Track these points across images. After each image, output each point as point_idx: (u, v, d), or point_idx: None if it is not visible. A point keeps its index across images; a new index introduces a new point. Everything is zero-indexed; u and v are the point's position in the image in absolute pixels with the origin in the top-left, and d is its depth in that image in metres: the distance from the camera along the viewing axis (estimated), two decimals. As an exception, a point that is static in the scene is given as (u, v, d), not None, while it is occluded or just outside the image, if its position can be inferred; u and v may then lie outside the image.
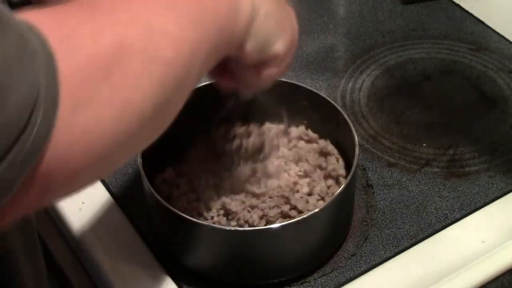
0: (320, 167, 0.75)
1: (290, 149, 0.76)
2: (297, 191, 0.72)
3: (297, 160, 0.75)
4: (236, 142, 0.75)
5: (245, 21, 0.54)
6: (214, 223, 0.70)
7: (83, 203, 0.77)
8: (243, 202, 0.71)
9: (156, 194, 0.68)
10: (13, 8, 1.10)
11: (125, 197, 0.78)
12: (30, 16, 0.38)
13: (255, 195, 0.72)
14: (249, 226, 0.69)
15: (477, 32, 1.00)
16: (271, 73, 0.62)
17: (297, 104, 0.78)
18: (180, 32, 0.46)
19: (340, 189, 0.68)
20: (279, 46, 0.59)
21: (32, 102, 0.35)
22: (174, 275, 0.71)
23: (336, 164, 0.75)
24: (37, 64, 0.36)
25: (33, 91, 0.35)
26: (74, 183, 0.42)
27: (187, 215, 0.66)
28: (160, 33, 0.44)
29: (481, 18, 1.02)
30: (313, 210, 0.67)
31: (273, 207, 0.70)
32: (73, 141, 0.38)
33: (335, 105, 0.75)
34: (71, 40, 0.39)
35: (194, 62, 0.47)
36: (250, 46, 0.56)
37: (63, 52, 0.38)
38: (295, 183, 0.73)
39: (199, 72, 0.49)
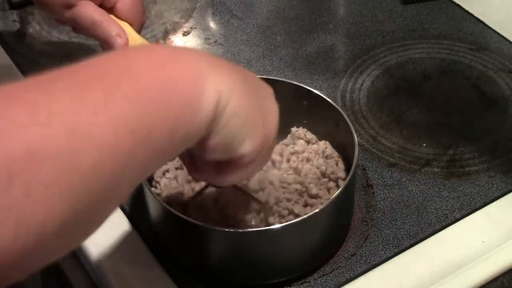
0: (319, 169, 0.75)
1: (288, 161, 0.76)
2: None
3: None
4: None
5: (207, 117, 0.48)
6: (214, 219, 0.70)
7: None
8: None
9: (156, 195, 0.68)
10: (13, 8, 1.09)
11: (125, 197, 0.78)
12: None
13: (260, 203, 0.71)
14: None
15: (477, 32, 1.00)
16: (235, 175, 0.56)
17: (297, 104, 0.78)
18: (109, 138, 0.39)
19: (340, 189, 0.68)
20: (246, 147, 0.53)
21: None
22: (174, 275, 0.71)
23: (335, 167, 0.75)
24: None
25: None
26: None
27: (187, 216, 0.66)
28: (83, 138, 0.38)
29: (481, 18, 1.02)
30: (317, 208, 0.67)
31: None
32: None
33: (335, 105, 0.75)
34: None
35: (125, 171, 0.41)
36: (212, 143, 0.50)
37: None
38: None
39: (132, 181, 0.43)
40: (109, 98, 0.41)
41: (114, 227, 0.75)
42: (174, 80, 0.46)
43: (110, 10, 0.78)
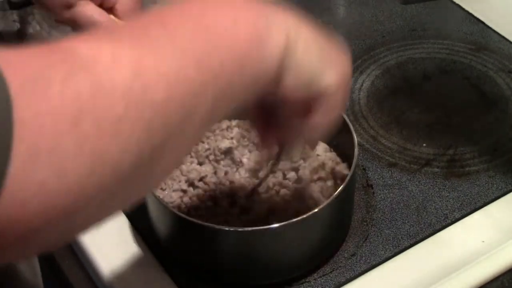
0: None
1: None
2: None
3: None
4: None
5: (276, 55, 0.46)
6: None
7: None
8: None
9: (156, 195, 0.68)
10: (13, 8, 1.09)
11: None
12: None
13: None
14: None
15: (477, 32, 1.00)
16: (323, 119, 0.53)
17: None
18: (177, 71, 0.40)
19: (340, 189, 0.68)
20: (330, 78, 0.50)
21: None
22: (174, 275, 0.71)
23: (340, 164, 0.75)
24: None
25: None
26: (30, 244, 0.36)
27: (187, 215, 0.66)
28: (150, 72, 0.38)
29: (481, 18, 1.02)
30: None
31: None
32: (27, 198, 0.33)
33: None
34: (36, 84, 0.34)
35: (195, 107, 0.41)
36: (291, 81, 0.48)
37: (23, 97, 0.33)
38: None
39: (204, 119, 0.42)
40: (172, 33, 0.41)
41: (114, 227, 0.75)
42: (236, 18, 0.45)
43: (110, 10, 0.78)
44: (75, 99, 0.35)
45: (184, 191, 0.73)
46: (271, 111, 0.56)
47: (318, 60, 0.50)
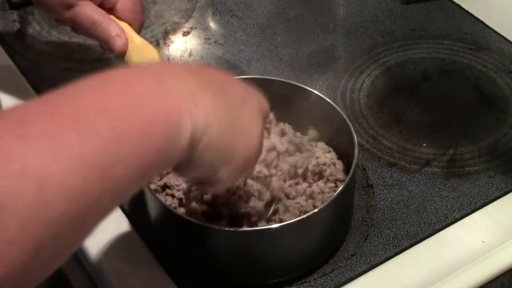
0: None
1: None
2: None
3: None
4: None
5: (179, 154, 0.47)
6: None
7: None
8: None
9: (155, 195, 0.68)
10: (13, 8, 1.09)
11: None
12: None
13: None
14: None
15: (477, 32, 1.00)
16: (214, 189, 0.58)
17: (297, 104, 0.78)
18: (80, 185, 0.38)
19: (340, 189, 0.68)
20: (222, 173, 0.53)
21: None
22: (174, 275, 0.71)
23: (333, 168, 0.75)
24: None
25: None
26: None
27: (187, 216, 0.66)
28: (54, 189, 0.37)
29: (481, 18, 1.02)
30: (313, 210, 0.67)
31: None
32: None
33: (334, 105, 0.75)
34: None
35: (91, 213, 0.40)
36: (185, 171, 0.51)
37: None
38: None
39: (97, 219, 0.42)
40: (85, 143, 0.40)
41: (114, 227, 0.75)
42: (151, 119, 0.45)
43: (110, 10, 0.78)
44: None
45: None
46: None
47: (214, 160, 0.52)
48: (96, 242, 0.74)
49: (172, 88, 0.48)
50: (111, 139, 0.41)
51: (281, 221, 0.69)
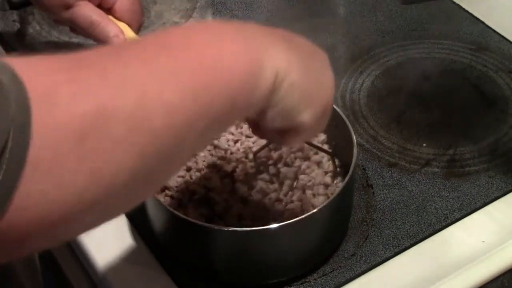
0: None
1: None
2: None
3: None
4: None
5: (265, 91, 0.49)
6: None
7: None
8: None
9: (155, 195, 0.68)
10: (13, 8, 1.09)
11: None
12: (16, 63, 0.36)
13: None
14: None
15: (477, 32, 1.00)
16: (294, 139, 0.58)
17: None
18: (177, 102, 0.42)
19: (339, 189, 0.68)
20: (304, 117, 0.55)
21: None
22: (174, 275, 0.71)
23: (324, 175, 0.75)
24: (7, 112, 0.34)
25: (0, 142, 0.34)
26: (26, 246, 0.39)
27: (186, 216, 0.66)
28: (153, 101, 0.41)
29: (481, 18, 1.02)
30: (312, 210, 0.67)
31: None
32: (27, 207, 0.36)
33: (334, 105, 0.75)
34: (49, 99, 0.36)
35: (188, 135, 0.43)
36: (271, 115, 0.52)
37: (38, 109, 0.35)
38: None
39: (193, 146, 0.45)
40: (177, 65, 0.43)
41: (114, 227, 0.75)
42: (235, 56, 0.47)
43: (108, 10, 0.78)
44: (80, 119, 0.37)
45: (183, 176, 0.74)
46: None
47: (298, 101, 0.53)
48: (96, 243, 0.74)
49: (252, 35, 0.51)
50: (198, 67, 0.44)
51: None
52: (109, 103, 0.38)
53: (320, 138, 0.77)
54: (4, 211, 0.35)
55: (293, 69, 0.52)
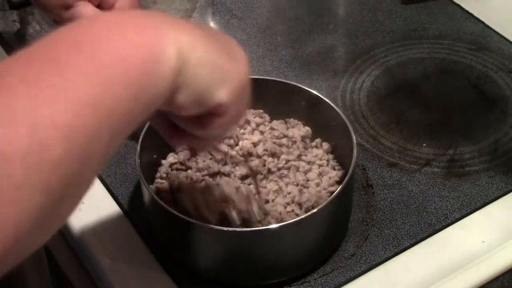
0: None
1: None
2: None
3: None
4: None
5: (168, 74, 0.46)
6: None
7: (83, 203, 0.77)
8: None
9: (155, 196, 0.68)
10: (13, 8, 1.09)
11: (125, 197, 0.78)
12: None
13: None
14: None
15: (477, 32, 1.00)
16: (217, 124, 0.53)
17: (296, 104, 0.78)
18: (73, 121, 0.38)
19: (339, 189, 0.68)
20: (221, 94, 0.51)
21: None
22: (174, 275, 0.71)
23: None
24: None
25: None
26: None
27: (186, 216, 0.66)
28: (47, 129, 0.37)
29: (481, 18, 1.02)
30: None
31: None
32: None
33: (333, 105, 0.75)
34: None
35: (93, 149, 0.40)
36: (182, 99, 0.48)
37: None
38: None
39: (102, 155, 0.42)
40: (66, 80, 0.39)
41: (114, 227, 0.75)
42: (129, 46, 0.44)
43: (108, 10, 0.78)
44: None
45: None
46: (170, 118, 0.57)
47: (210, 77, 0.50)
48: (96, 242, 0.74)
49: (148, 18, 0.47)
50: (91, 71, 0.41)
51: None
52: (4, 145, 0.35)
53: (325, 147, 0.77)
54: None
55: (198, 45, 0.48)
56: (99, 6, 0.78)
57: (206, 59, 0.49)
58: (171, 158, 0.76)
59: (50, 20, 1.01)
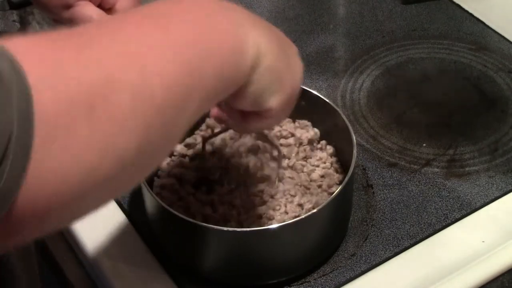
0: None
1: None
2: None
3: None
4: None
5: (247, 69, 0.51)
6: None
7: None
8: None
9: (154, 196, 0.68)
10: (13, 8, 1.09)
11: (125, 198, 0.78)
12: (13, 45, 0.35)
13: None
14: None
15: (477, 32, 1.00)
16: (258, 125, 0.59)
17: (296, 104, 0.78)
18: (175, 75, 0.43)
19: (338, 189, 0.68)
20: (273, 102, 0.55)
21: (3, 145, 0.33)
22: (174, 275, 0.71)
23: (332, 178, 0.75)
24: (10, 102, 0.34)
25: (4, 132, 0.33)
26: (45, 224, 0.39)
27: (186, 216, 0.66)
28: (153, 74, 0.41)
29: (481, 18, 1.02)
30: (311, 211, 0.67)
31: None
32: (45, 183, 0.36)
33: (333, 105, 0.75)
34: (53, 77, 0.36)
35: (185, 108, 0.44)
36: (245, 94, 0.53)
37: (42, 88, 0.35)
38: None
39: (188, 119, 0.46)
40: (172, 39, 0.44)
41: (114, 227, 0.75)
42: (224, 32, 0.49)
43: (109, 10, 0.78)
44: (90, 88, 0.37)
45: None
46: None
47: (270, 84, 0.54)
48: (96, 243, 0.74)
49: (233, 11, 0.52)
50: (191, 41, 0.45)
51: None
52: (115, 73, 0.39)
53: (329, 151, 0.78)
54: (18, 189, 0.34)
55: (270, 52, 0.53)
56: (100, 6, 0.78)
57: (273, 66, 0.53)
58: (168, 159, 0.76)
59: (51, 20, 1.01)
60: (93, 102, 0.37)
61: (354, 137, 0.71)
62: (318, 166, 0.76)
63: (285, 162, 0.75)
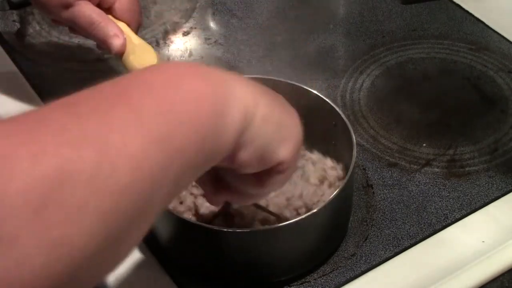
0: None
1: None
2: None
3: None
4: None
5: (234, 131, 0.47)
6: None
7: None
8: None
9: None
10: (13, 8, 1.09)
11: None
12: None
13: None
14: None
15: (477, 32, 1.00)
16: (277, 181, 0.54)
17: (296, 104, 0.78)
18: (142, 153, 0.39)
19: (338, 189, 0.68)
20: (284, 151, 0.52)
21: None
22: (174, 275, 0.71)
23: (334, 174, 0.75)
24: None
25: None
26: None
27: (185, 215, 0.66)
28: (116, 156, 0.37)
29: (481, 18, 1.02)
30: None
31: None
32: None
33: (333, 105, 0.75)
34: (7, 163, 0.33)
35: (157, 187, 0.40)
36: (246, 155, 0.49)
37: None
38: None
39: (164, 198, 0.42)
40: (138, 115, 0.40)
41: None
42: (198, 97, 0.45)
43: (108, 10, 0.78)
44: (41, 184, 0.34)
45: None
46: (220, 174, 0.56)
47: (272, 137, 0.50)
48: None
49: (209, 71, 0.48)
50: (163, 109, 0.42)
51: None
52: (69, 163, 0.35)
53: (327, 148, 0.77)
54: None
55: (261, 102, 0.49)
56: (99, 6, 0.78)
57: (269, 116, 0.50)
58: None
59: (50, 20, 1.01)
60: (44, 197, 0.33)
61: (354, 137, 0.71)
62: (316, 163, 0.76)
63: None
